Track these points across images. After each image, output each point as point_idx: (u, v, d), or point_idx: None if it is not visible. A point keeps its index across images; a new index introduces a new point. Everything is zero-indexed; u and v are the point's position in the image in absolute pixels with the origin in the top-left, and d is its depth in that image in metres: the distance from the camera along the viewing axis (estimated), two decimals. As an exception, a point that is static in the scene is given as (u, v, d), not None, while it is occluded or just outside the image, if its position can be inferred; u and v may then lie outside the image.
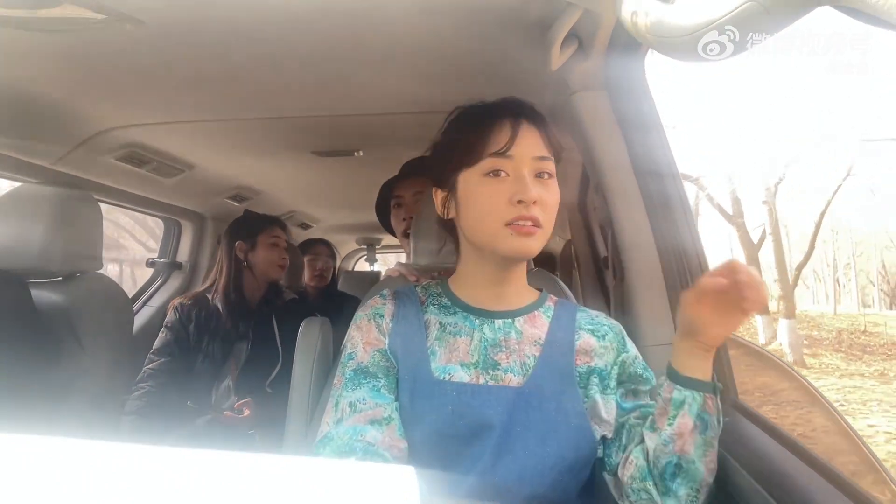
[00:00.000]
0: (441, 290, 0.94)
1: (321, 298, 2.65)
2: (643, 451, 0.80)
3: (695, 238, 1.14)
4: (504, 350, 0.85)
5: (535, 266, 1.27)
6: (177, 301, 1.93)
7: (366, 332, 0.89)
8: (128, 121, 1.56)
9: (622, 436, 0.84)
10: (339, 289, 2.92)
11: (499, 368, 0.84)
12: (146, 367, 1.79)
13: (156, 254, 2.76)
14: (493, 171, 0.82)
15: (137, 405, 1.70)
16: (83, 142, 1.59)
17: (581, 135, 1.24)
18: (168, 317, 1.89)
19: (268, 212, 2.14)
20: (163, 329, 1.87)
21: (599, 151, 1.21)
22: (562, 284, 1.20)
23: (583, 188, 2.37)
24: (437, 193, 0.91)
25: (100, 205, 1.49)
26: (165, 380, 1.77)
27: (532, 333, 0.88)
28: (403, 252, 1.70)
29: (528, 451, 0.78)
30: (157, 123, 1.59)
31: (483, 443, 0.78)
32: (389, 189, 1.64)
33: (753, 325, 10.23)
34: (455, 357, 0.85)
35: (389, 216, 1.65)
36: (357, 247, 4.99)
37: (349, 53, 1.17)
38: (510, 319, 0.89)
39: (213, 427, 1.70)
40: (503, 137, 0.82)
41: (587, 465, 0.83)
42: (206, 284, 2.00)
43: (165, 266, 2.68)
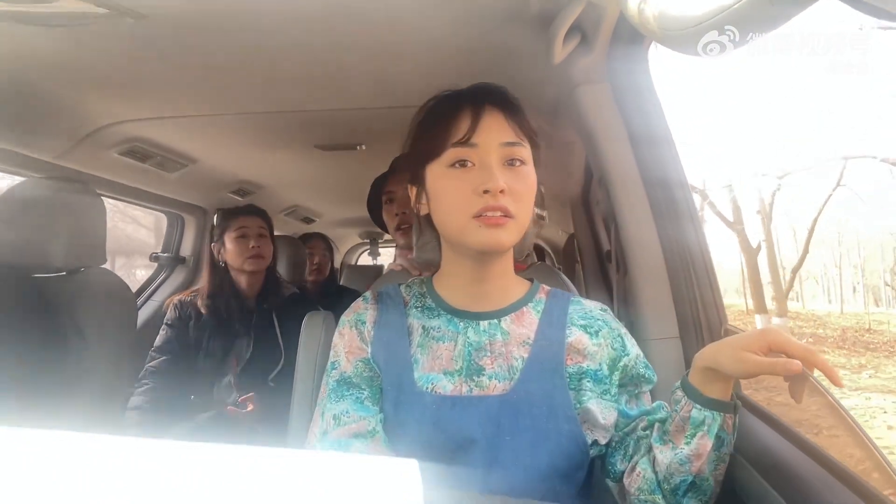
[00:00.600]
0: (425, 290, 0.91)
1: (320, 292, 2.66)
2: (651, 462, 0.78)
3: (698, 232, 1.14)
4: (489, 354, 0.81)
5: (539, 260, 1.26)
6: (176, 298, 1.93)
7: (348, 341, 0.86)
8: (130, 115, 1.56)
9: (628, 445, 0.82)
10: (342, 283, 2.93)
11: (483, 374, 0.80)
12: (148, 365, 1.79)
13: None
14: (458, 162, 0.78)
15: (141, 400, 1.71)
16: (86, 136, 1.59)
17: (584, 128, 1.24)
18: (168, 314, 1.89)
19: (270, 206, 2.12)
20: (163, 326, 1.87)
21: (602, 145, 1.21)
22: (564, 278, 1.19)
23: (586, 182, 2.36)
24: (412, 190, 0.88)
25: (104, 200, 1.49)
26: (167, 377, 1.77)
27: (520, 333, 0.84)
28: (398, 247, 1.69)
29: (519, 463, 0.75)
30: (160, 118, 1.59)
31: (469, 456, 0.75)
32: (381, 185, 1.63)
33: (752, 323, 10.69)
34: (438, 365, 0.81)
35: (381, 212, 1.64)
36: (360, 241, 4.99)
37: (352, 47, 1.17)
38: (496, 320, 0.84)
39: (217, 421, 1.70)
40: (464, 125, 0.78)
41: (581, 469, 0.80)
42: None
43: (169, 260, 2.69)
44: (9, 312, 1.22)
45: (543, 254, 4.96)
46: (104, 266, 1.50)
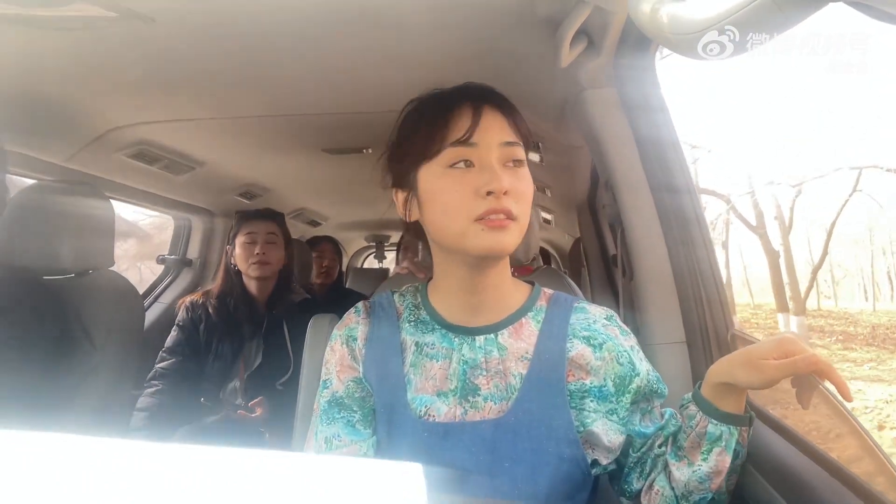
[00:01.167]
0: (419, 301, 0.86)
1: (328, 296, 2.67)
2: (668, 480, 0.78)
3: (705, 236, 1.13)
4: (485, 373, 0.77)
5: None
6: (188, 300, 1.93)
7: (339, 359, 0.83)
8: (139, 118, 1.57)
9: (645, 463, 0.80)
10: (348, 286, 2.94)
11: (479, 395, 0.76)
12: (157, 366, 1.79)
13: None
14: (458, 162, 0.73)
15: (149, 402, 1.71)
16: (95, 140, 1.60)
17: (591, 132, 1.24)
18: (179, 315, 1.89)
19: (277, 209, 2.12)
20: (174, 327, 1.87)
21: (609, 149, 1.20)
22: (570, 282, 1.19)
23: (592, 186, 2.36)
24: (398, 195, 0.83)
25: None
26: (177, 379, 1.77)
27: (518, 348, 0.79)
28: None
29: (518, 490, 0.72)
30: (168, 121, 1.60)
31: (465, 486, 0.72)
32: None
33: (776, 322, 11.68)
34: (432, 385, 0.78)
35: None
36: (366, 244, 5.00)
37: (359, 51, 1.17)
38: (492, 335, 0.79)
39: (225, 424, 1.70)
40: (464, 124, 0.73)
41: (584, 489, 0.77)
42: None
43: (176, 263, 2.70)
44: (17, 314, 1.23)
45: (549, 258, 4.95)
46: (112, 268, 1.51)
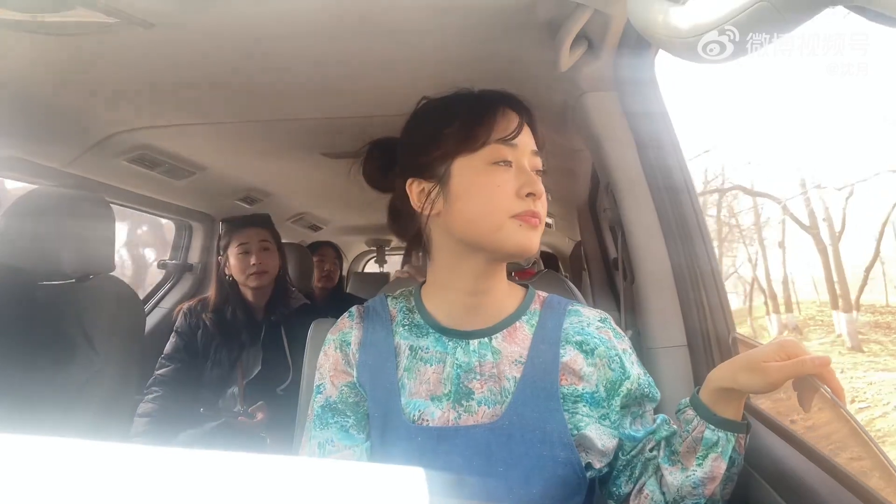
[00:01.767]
0: (413, 305, 0.86)
1: (328, 301, 2.67)
2: (658, 484, 0.77)
3: (706, 239, 1.13)
4: (479, 377, 0.77)
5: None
6: (185, 306, 1.92)
7: (333, 363, 0.84)
8: (139, 123, 1.57)
9: (635, 466, 0.80)
10: (349, 290, 2.94)
11: (472, 399, 0.76)
12: (157, 373, 1.79)
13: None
14: (500, 161, 0.75)
15: (149, 408, 1.71)
16: (95, 144, 1.60)
17: (591, 136, 1.24)
18: (178, 322, 1.88)
19: (277, 214, 2.10)
20: (173, 334, 1.87)
21: (609, 152, 1.21)
22: (571, 286, 1.19)
23: (592, 189, 2.36)
24: (418, 184, 0.80)
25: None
26: (176, 385, 1.77)
27: (511, 351, 0.79)
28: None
29: (514, 494, 0.72)
30: (168, 126, 1.60)
31: (460, 491, 0.72)
32: None
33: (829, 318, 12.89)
34: (425, 389, 0.78)
35: None
36: (366, 248, 5.00)
37: (358, 56, 1.17)
38: (486, 339, 0.80)
39: (225, 430, 1.70)
40: (509, 124, 0.76)
41: (579, 493, 0.76)
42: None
43: (177, 268, 2.70)
44: (18, 319, 1.23)
45: (554, 261, 4.93)
46: (112, 273, 1.51)
